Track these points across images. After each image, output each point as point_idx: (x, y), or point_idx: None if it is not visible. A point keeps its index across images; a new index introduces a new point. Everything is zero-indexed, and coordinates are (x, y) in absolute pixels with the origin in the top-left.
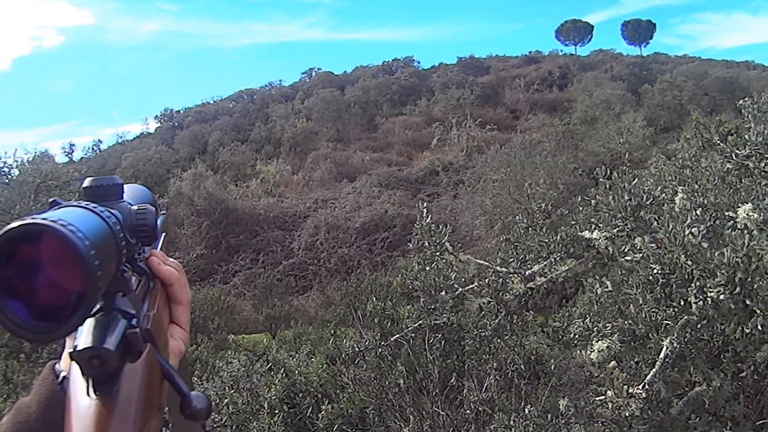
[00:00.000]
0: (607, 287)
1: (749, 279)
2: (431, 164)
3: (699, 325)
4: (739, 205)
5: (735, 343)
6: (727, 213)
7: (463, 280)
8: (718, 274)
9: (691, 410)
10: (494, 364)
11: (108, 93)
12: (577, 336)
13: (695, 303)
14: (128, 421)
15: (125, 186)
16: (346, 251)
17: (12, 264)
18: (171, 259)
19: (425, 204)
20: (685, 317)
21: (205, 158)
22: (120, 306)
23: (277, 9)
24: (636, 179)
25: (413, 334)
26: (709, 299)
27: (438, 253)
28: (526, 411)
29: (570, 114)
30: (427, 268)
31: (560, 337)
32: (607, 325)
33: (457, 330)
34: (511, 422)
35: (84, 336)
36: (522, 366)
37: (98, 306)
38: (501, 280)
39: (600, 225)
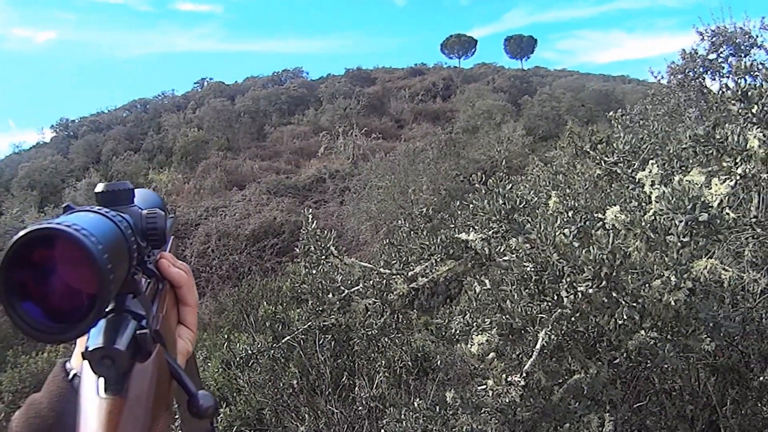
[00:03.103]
0: (485, 285)
1: (614, 273)
2: (318, 172)
3: (573, 318)
4: (608, 207)
5: (609, 334)
6: (596, 215)
7: (349, 282)
8: (586, 270)
9: (571, 396)
10: (383, 362)
11: (5, 101)
12: (458, 331)
13: (567, 297)
14: (138, 419)
15: (136, 191)
16: (237, 258)
17: (27, 267)
18: (180, 262)
19: (311, 210)
20: (559, 311)
21: (99, 168)
22: (130, 307)
23: (171, 20)
24: (511, 185)
25: (304, 336)
26: (579, 293)
27: (324, 257)
28: (416, 404)
29: (453, 123)
30: (314, 272)
31: (443, 333)
32: (486, 320)
33: (345, 330)
34: (402, 416)
35: (95, 336)
36: (409, 363)
37: (110, 307)
38: (385, 281)
39: (476, 227)
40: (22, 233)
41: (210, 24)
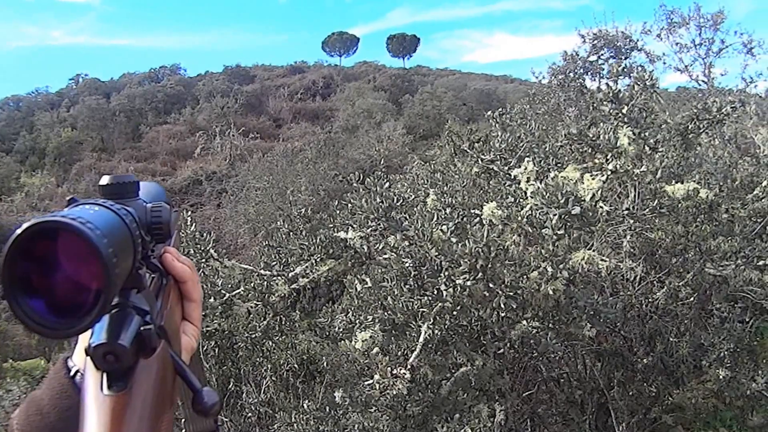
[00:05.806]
0: (366, 283)
1: (490, 266)
2: (195, 174)
3: (455, 312)
4: (486, 203)
5: (492, 326)
6: (474, 211)
7: (229, 285)
8: (462, 263)
9: (459, 388)
10: (269, 366)
11: None
12: (341, 330)
13: (446, 290)
14: (142, 416)
15: (141, 184)
16: None
17: (30, 261)
18: (184, 257)
19: (189, 213)
20: (440, 304)
21: None
22: (135, 303)
23: (47, 11)
24: (389, 183)
25: None
26: (458, 286)
27: (204, 261)
28: (305, 407)
29: (332, 123)
30: None
31: (327, 333)
32: (369, 317)
33: (228, 336)
34: (293, 419)
35: (99, 332)
36: (296, 366)
37: (114, 302)
38: (266, 283)
39: (355, 226)
40: (25, 226)
41: (86, 17)
